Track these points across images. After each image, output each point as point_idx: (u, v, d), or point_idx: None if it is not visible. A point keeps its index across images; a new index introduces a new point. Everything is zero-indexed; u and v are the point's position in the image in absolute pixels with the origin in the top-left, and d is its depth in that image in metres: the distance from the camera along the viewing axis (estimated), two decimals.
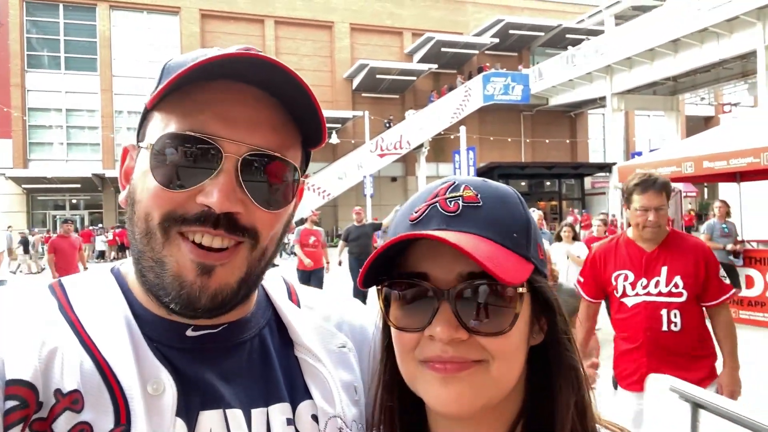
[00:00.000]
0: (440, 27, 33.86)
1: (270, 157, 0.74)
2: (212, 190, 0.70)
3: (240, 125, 0.72)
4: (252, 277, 0.78)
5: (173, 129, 0.72)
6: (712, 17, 19.88)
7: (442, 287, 0.68)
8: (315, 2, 32.68)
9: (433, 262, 0.69)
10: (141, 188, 0.74)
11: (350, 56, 32.89)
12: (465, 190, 0.72)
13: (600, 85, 27.53)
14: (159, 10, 30.62)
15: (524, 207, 0.75)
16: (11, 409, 0.61)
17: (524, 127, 35.25)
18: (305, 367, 0.84)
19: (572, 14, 35.87)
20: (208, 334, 0.79)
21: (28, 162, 28.62)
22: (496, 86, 31.11)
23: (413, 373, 0.72)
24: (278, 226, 0.79)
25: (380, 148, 29.74)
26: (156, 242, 0.72)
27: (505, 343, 0.68)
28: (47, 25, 29.44)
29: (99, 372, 0.68)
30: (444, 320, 0.67)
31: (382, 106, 32.90)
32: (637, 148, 34.13)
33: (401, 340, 0.72)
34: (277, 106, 0.76)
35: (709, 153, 9.18)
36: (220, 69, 0.71)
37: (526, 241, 0.71)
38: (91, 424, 0.65)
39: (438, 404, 0.69)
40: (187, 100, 0.73)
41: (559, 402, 0.72)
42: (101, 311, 0.74)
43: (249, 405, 0.77)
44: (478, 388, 0.68)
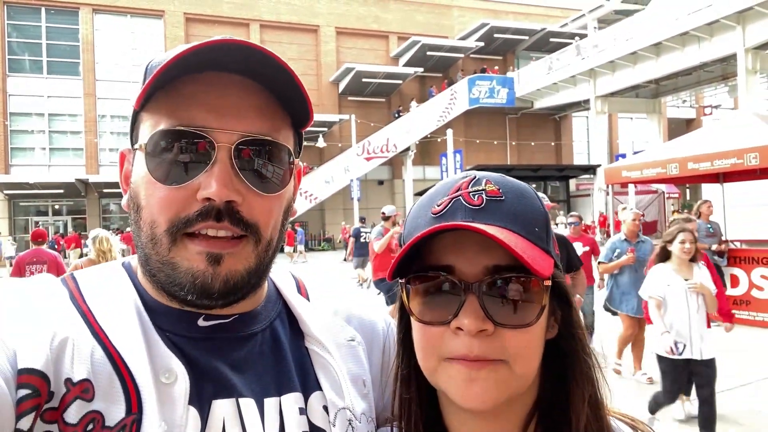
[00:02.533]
0: (426, 31, 34.03)
1: (262, 141, 0.75)
2: (210, 181, 0.71)
3: (228, 114, 0.73)
4: (261, 267, 0.79)
5: (163, 126, 0.72)
6: (693, 21, 20.22)
7: (468, 280, 0.68)
8: (300, 6, 32.66)
9: (459, 254, 0.70)
10: (143, 192, 0.75)
11: (336, 60, 32.91)
12: (487, 184, 0.72)
13: (583, 88, 27.83)
14: (143, 13, 30.39)
15: (541, 202, 0.76)
16: (24, 398, 0.61)
17: (510, 130, 35.50)
18: (315, 358, 0.85)
19: (556, 18, 36.25)
20: (219, 324, 0.79)
21: (9, 167, 28.17)
22: (482, 89, 31.30)
23: (434, 368, 0.72)
24: (278, 213, 0.80)
25: (367, 152, 29.76)
26: (162, 247, 0.73)
27: (528, 338, 0.69)
28: (29, 28, 29.05)
29: (110, 361, 0.69)
30: (471, 312, 0.67)
31: (369, 110, 32.95)
32: (620, 150, 34.53)
33: (425, 335, 0.72)
34: (262, 90, 0.76)
35: (693, 154, 9.34)
36: (201, 60, 0.71)
37: (546, 235, 0.73)
38: (102, 413, 0.65)
39: (462, 399, 0.69)
40: (173, 95, 0.73)
41: (573, 395, 0.73)
42: (112, 302, 0.75)
43: (261, 394, 0.77)
44: (501, 384, 0.68)
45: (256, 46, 0.71)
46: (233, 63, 0.72)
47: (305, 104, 0.78)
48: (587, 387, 0.73)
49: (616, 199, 22.90)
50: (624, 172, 11.18)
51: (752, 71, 19.02)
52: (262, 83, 0.75)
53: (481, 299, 0.68)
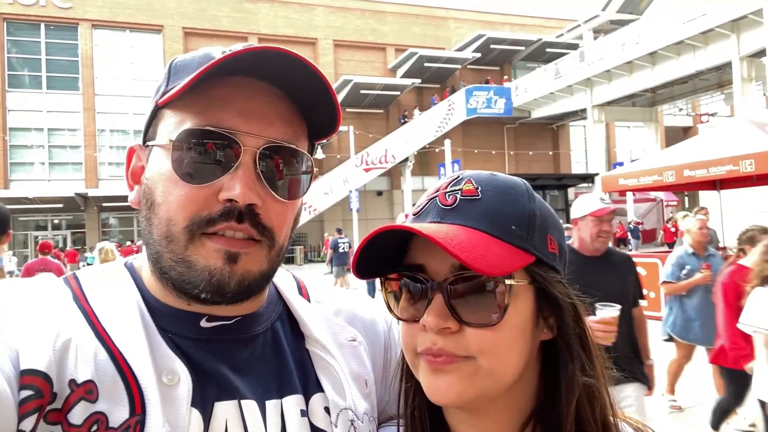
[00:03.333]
0: (423, 42, 34.22)
1: (286, 148, 0.77)
2: (234, 183, 0.72)
3: (256, 119, 0.74)
4: (272, 272, 0.80)
5: (190, 125, 0.73)
6: (687, 30, 20.34)
7: (437, 279, 0.70)
8: (298, 19, 32.87)
9: (430, 254, 0.72)
10: (161, 188, 0.75)
11: (334, 72, 33.04)
12: (466, 183, 0.73)
13: (580, 97, 27.94)
14: (141, 28, 30.58)
15: (530, 199, 0.75)
16: (26, 399, 0.62)
17: (507, 140, 35.57)
18: (316, 360, 0.85)
19: (551, 29, 36.47)
20: (222, 325, 0.80)
21: (9, 182, 28.19)
22: (479, 100, 31.42)
23: (413, 363, 0.75)
24: (290, 220, 0.81)
25: (365, 163, 29.80)
26: (178, 245, 0.73)
27: (495, 337, 0.69)
28: (28, 44, 29.20)
29: (113, 362, 0.69)
30: (435, 310, 0.69)
31: (367, 121, 33.03)
32: (618, 159, 34.59)
33: (404, 331, 0.75)
34: (286, 98, 0.78)
35: (689, 162, 9.36)
36: (235, 65, 0.72)
37: (527, 233, 0.71)
38: (106, 414, 0.66)
39: (430, 394, 0.71)
40: (202, 96, 0.74)
41: (561, 397, 0.73)
42: (115, 303, 0.75)
43: (263, 396, 0.78)
44: (467, 379, 0.69)
45: (287, 51, 0.71)
46: (264, 70, 0.74)
47: (334, 116, 0.80)
48: (575, 392, 0.73)
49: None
50: (621, 180, 11.20)
51: (747, 79, 19.11)
52: (286, 91, 0.77)
53: (447, 298, 0.69)
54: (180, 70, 0.77)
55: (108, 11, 29.71)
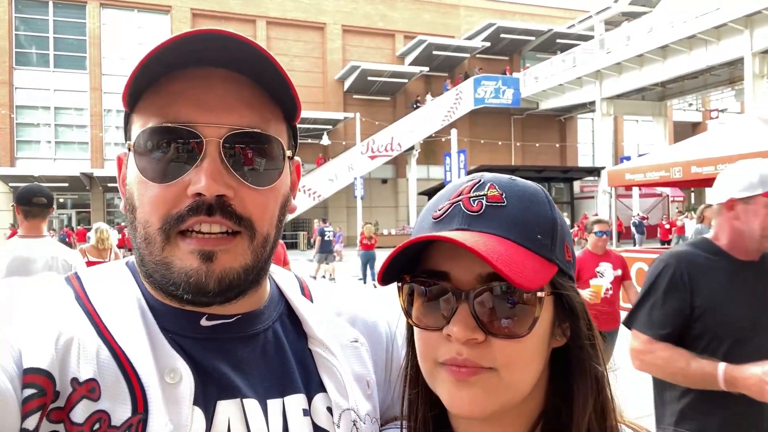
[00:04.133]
0: (432, 30, 33.98)
1: (251, 134, 0.74)
2: (199, 176, 0.70)
3: (215, 108, 0.72)
4: (259, 263, 0.78)
5: (150, 124, 0.72)
6: (700, 24, 20.13)
7: (462, 288, 0.68)
8: (307, 3, 32.66)
9: (454, 261, 0.69)
10: (137, 193, 0.75)
11: (342, 58, 32.90)
12: (490, 188, 0.71)
13: (589, 89, 27.75)
14: (150, 8, 30.47)
15: (551, 206, 0.74)
16: (29, 397, 0.61)
17: (514, 131, 35.44)
18: (319, 360, 0.84)
19: (563, 19, 36.14)
20: (222, 324, 0.79)
21: (15, 160, 28.30)
22: (487, 90, 31.25)
23: (431, 371, 0.72)
24: (273, 207, 0.79)
25: (371, 150, 29.75)
26: (156, 246, 0.73)
27: (520, 349, 0.68)
28: (36, 22, 29.15)
29: (116, 361, 0.69)
30: (461, 320, 0.67)
31: (374, 108, 32.93)
32: (625, 153, 34.44)
33: (422, 338, 0.73)
34: (250, 83, 0.75)
35: (697, 158, 9.30)
36: (183, 55, 0.71)
37: (551, 243, 0.70)
38: (109, 413, 0.65)
39: (453, 406, 0.70)
40: (160, 93, 0.72)
41: (576, 404, 0.72)
42: (117, 302, 0.75)
43: (265, 396, 0.77)
44: (491, 392, 0.68)
45: (238, 36, 0.69)
46: (216, 56, 0.72)
47: (291, 95, 0.77)
48: (591, 397, 0.73)
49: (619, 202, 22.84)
50: (627, 175, 11.14)
51: (759, 75, 18.93)
52: (249, 75, 0.75)
53: (473, 308, 0.67)
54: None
55: None
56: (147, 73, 0.71)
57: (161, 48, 0.68)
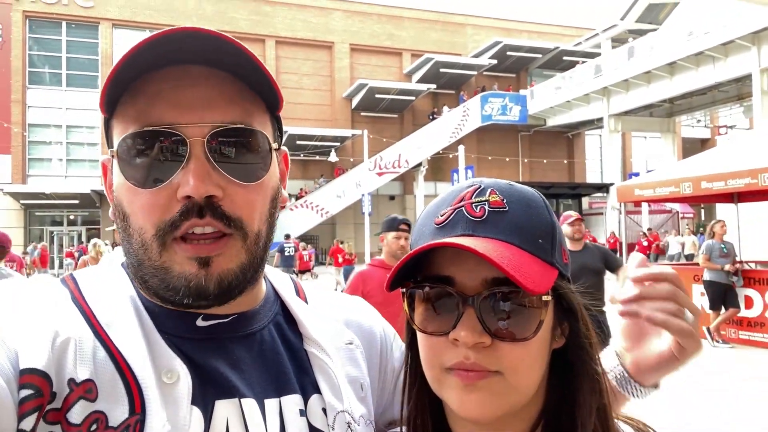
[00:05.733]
0: (439, 48, 34.26)
1: (235, 130, 0.73)
2: (187, 178, 0.69)
3: (196, 106, 0.71)
4: (255, 261, 0.77)
5: (131, 129, 0.71)
6: (707, 41, 20.18)
7: (468, 292, 0.68)
8: (315, 23, 33.07)
9: (459, 266, 0.70)
10: (126, 200, 0.74)
11: (350, 76, 33.19)
12: (491, 194, 0.72)
13: (597, 106, 27.79)
14: (161, 29, 30.53)
15: (549, 210, 0.75)
16: (26, 398, 0.61)
17: (522, 147, 35.46)
18: (314, 360, 0.84)
19: (569, 37, 36.34)
20: (218, 324, 0.79)
21: (26, 178, 28.62)
22: (494, 106, 31.37)
23: (437, 377, 0.72)
24: (263, 204, 0.78)
25: (379, 167, 29.85)
26: (153, 252, 0.72)
27: (525, 352, 0.69)
28: (50, 42, 29.68)
29: (112, 362, 0.68)
30: (468, 325, 0.67)
31: (381, 125, 33.11)
32: (634, 169, 34.35)
33: (426, 344, 0.73)
34: (230, 78, 0.74)
35: (707, 174, 9.25)
36: (158, 56, 0.69)
37: (551, 247, 0.71)
38: (106, 414, 0.65)
39: (461, 410, 0.70)
40: (138, 97, 0.71)
41: (581, 405, 0.73)
42: (113, 302, 0.74)
43: (262, 395, 0.77)
44: (498, 395, 0.68)
45: (211, 32, 0.68)
46: (191, 55, 0.71)
47: (272, 87, 0.76)
48: (594, 397, 0.73)
49: (629, 218, 22.71)
50: (637, 191, 11.09)
51: (767, 92, 18.88)
52: (227, 70, 0.73)
53: (479, 312, 0.67)
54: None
55: (129, 11, 30.15)
56: (123, 77, 0.69)
57: (136, 50, 0.67)
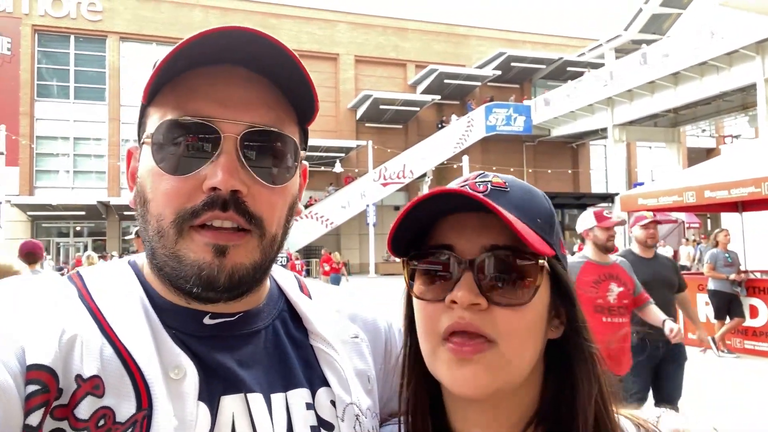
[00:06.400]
0: (443, 59, 34.41)
1: (268, 132, 0.75)
2: (215, 171, 0.71)
3: (234, 105, 0.74)
4: (266, 263, 0.79)
5: (169, 117, 0.73)
6: (711, 51, 20.17)
7: (466, 257, 0.71)
8: (320, 35, 33.32)
9: (459, 234, 0.73)
10: (150, 185, 0.75)
11: (354, 87, 33.37)
12: (494, 177, 0.77)
13: (601, 116, 27.78)
14: (168, 41, 31.22)
15: (549, 202, 0.79)
16: (32, 394, 0.62)
17: (526, 158, 35.45)
18: (321, 355, 0.85)
19: (573, 48, 36.44)
20: (225, 322, 0.80)
21: (34, 189, 28.82)
22: (499, 117, 31.41)
23: (433, 350, 0.74)
24: (283, 208, 0.80)
25: (383, 177, 29.90)
26: (169, 240, 0.74)
27: (520, 319, 0.70)
28: (58, 55, 30.01)
29: (119, 358, 0.69)
30: (466, 286, 0.69)
31: (386, 136, 33.20)
32: (639, 179, 34.22)
33: (424, 313, 0.75)
34: (268, 83, 0.77)
35: (710, 183, 9.21)
36: (205, 53, 0.72)
37: (550, 229, 0.75)
38: (113, 409, 0.66)
39: (454, 385, 0.71)
40: (179, 88, 0.74)
41: (581, 392, 0.74)
42: (120, 299, 0.75)
43: (269, 390, 0.78)
44: (492, 369, 0.70)
45: (261, 34, 0.71)
46: (238, 55, 0.74)
47: (311, 95, 0.78)
48: (595, 384, 0.74)
49: None
50: (640, 200, 11.04)
51: None
52: (267, 76, 0.76)
53: (477, 275, 0.70)
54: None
55: (135, 24, 30.48)
56: (169, 68, 0.72)
57: (188, 43, 0.70)
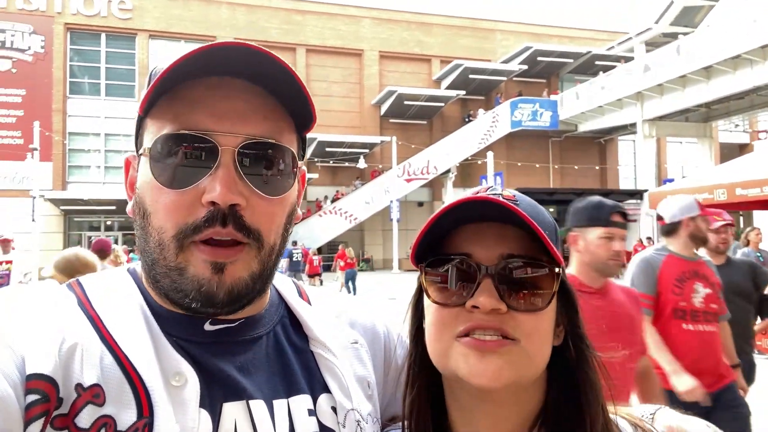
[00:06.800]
0: (468, 54, 34.10)
1: (266, 144, 0.75)
2: (214, 185, 0.71)
3: (232, 117, 0.74)
4: (266, 272, 0.79)
5: (167, 131, 0.73)
6: (745, 44, 19.59)
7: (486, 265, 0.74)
8: (345, 31, 33.34)
9: (477, 243, 0.76)
10: (149, 198, 0.75)
11: (378, 83, 33.32)
12: (503, 190, 0.79)
13: (630, 111, 27.24)
14: (196, 39, 31.64)
15: (550, 215, 0.83)
16: (33, 403, 0.62)
17: (552, 153, 34.98)
18: (321, 361, 0.85)
19: (602, 41, 35.78)
20: (225, 328, 0.80)
21: (66, 184, 29.55)
22: (524, 112, 31.05)
23: (445, 349, 0.75)
24: (282, 217, 0.80)
25: (407, 173, 29.86)
26: (170, 252, 0.74)
27: (538, 322, 0.73)
28: (89, 53, 30.66)
29: (119, 366, 0.69)
30: (486, 292, 0.72)
31: (410, 132, 33.12)
32: (669, 175, 33.51)
33: (439, 317, 0.77)
34: (265, 94, 0.77)
35: (742, 180, 8.97)
36: (203, 65, 0.72)
37: (556, 240, 0.78)
38: (114, 417, 0.66)
39: (472, 375, 0.72)
40: (177, 100, 0.74)
41: (588, 397, 0.76)
42: (119, 307, 0.75)
43: (270, 396, 0.78)
44: (514, 363, 0.72)
45: (259, 49, 0.72)
46: (236, 67, 0.74)
47: (308, 107, 0.79)
48: (599, 390, 0.77)
49: None
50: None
51: None
52: (265, 87, 0.77)
53: (496, 282, 0.73)
54: (156, 75, 0.75)
55: (164, 22, 30.95)
56: (167, 79, 0.72)
57: (184, 59, 0.70)
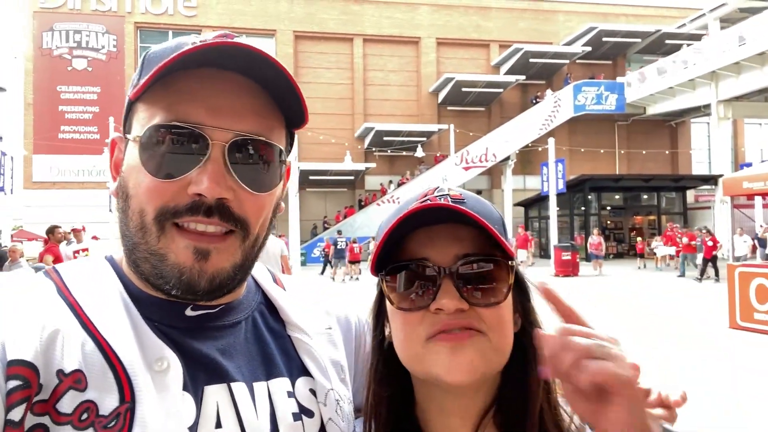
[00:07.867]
0: (528, 37, 33.20)
1: (256, 141, 0.76)
2: (202, 178, 0.72)
3: (224, 112, 0.74)
4: (247, 263, 0.81)
5: (158, 120, 0.73)
6: None
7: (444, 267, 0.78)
8: (402, 19, 33.18)
9: (432, 247, 0.79)
10: (133, 182, 0.76)
11: (436, 70, 33.01)
12: (450, 191, 0.83)
13: (704, 92, 25.74)
14: (255, 33, 32.43)
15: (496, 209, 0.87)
16: (13, 389, 0.62)
17: (618, 138, 33.62)
18: (299, 344, 0.88)
19: (672, 19, 33.90)
20: (206, 314, 0.81)
21: None
22: (588, 96, 29.93)
23: (417, 353, 0.79)
24: (267, 211, 0.81)
25: (465, 161, 29.52)
26: (151, 236, 0.74)
27: (500, 314, 0.78)
28: None
29: (101, 352, 0.70)
30: (448, 293, 0.76)
31: (468, 119, 32.68)
32: (747, 159, 31.46)
33: (404, 322, 0.80)
34: (259, 90, 0.78)
35: None
36: (200, 58, 0.73)
37: (505, 232, 0.82)
38: (96, 402, 0.66)
39: (449, 374, 0.75)
40: (170, 90, 0.74)
41: (532, 378, 0.80)
42: (98, 294, 0.76)
43: (251, 379, 0.80)
44: (484, 355, 0.76)
45: (255, 49, 0.73)
46: (232, 62, 0.75)
47: (301, 107, 0.80)
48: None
49: (740, 213, 20.81)
50: (745, 183, 10.19)
51: None
52: (259, 83, 0.77)
53: (456, 282, 0.76)
54: (152, 62, 0.76)
55: (227, 17, 31.83)
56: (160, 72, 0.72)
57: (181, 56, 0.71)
